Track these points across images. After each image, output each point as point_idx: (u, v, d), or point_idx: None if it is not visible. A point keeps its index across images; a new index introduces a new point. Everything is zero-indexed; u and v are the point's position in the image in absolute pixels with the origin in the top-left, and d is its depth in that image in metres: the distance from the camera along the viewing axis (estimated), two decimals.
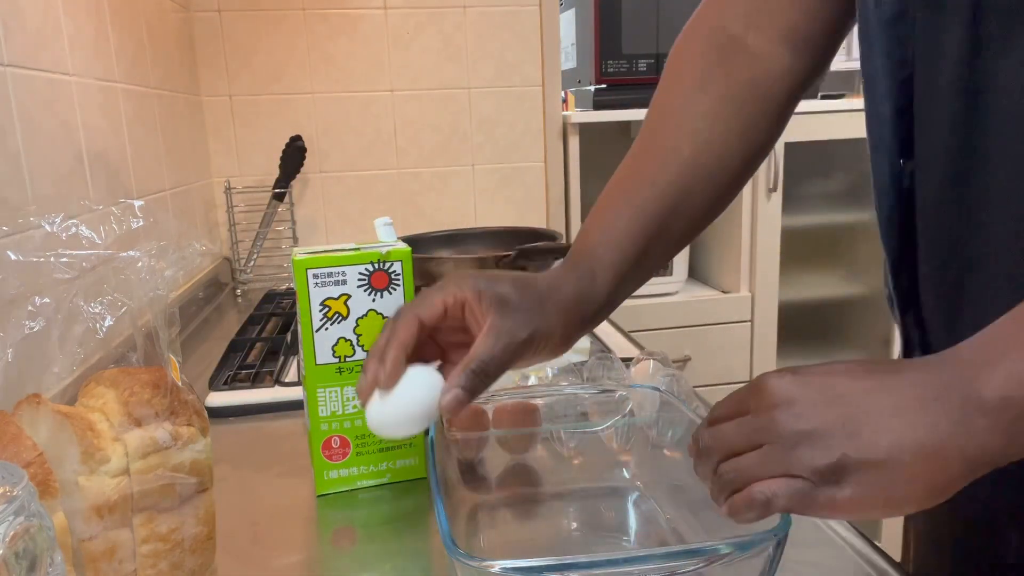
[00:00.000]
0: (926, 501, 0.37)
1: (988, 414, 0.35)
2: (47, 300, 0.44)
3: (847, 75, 1.87)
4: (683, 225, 0.61)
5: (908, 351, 0.59)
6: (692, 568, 0.40)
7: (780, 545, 0.41)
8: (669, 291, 1.77)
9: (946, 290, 0.53)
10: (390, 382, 0.50)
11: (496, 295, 0.51)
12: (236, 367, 0.97)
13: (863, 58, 0.55)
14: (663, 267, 0.64)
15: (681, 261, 1.77)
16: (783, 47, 0.60)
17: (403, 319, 0.51)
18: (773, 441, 0.38)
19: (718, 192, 0.62)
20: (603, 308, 0.58)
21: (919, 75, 0.51)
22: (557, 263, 0.67)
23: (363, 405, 0.51)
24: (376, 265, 0.63)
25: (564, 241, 1.15)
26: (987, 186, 0.48)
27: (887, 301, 0.60)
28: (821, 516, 0.38)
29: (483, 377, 0.50)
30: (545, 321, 0.53)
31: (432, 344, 0.54)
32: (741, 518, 0.39)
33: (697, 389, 0.77)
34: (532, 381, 0.73)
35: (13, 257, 0.44)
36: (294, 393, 0.86)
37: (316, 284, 0.62)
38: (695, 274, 1.94)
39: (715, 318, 1.76)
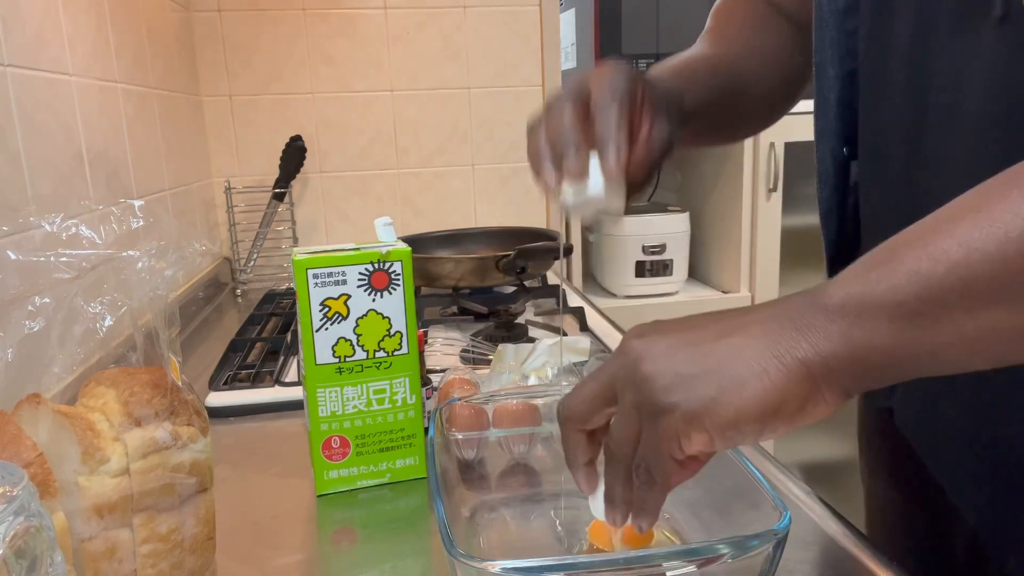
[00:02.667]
0: (765, 416, 0.36)
1: (829, 316, 0.35)
2: (47, 300, 0.44)
3: None
4: (747, 101, 0.67)
5: None
6: (692, 568, 0.40)
7: (780, 545, 0.41)
8: (669, 291, 1.77)
9: None
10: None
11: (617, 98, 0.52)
12: (236, 367, 0.97)
13: (816, 47, 0.57)
14: (733, 132, 0.72)
15: (681, 261, 1.77)
16: (800, 31, 0.65)
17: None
18: (625, 393, 0.39)
19: (773, 92, 0.68)
20: (694, 112, 0.60)
21: (865, 70, 0.53)
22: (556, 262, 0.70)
23: (557, 185, 0.51)
24: (376, 265, 0.63)
25: (564, 241, 1.15)
26: (931, 182, 0.49)
27: None
28: (675, 446, 0.38)
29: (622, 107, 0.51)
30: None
31: None
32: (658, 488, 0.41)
33: None
34: (532, 381, 0.72)
35: (13, 257, 0.44)
36: (294, 393, 0.86)
37: (316, 284, 0.62)
38: (695, 274, 1.93)
39: None
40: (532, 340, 1.00)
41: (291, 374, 0.94)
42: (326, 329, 0.63)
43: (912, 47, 0.49)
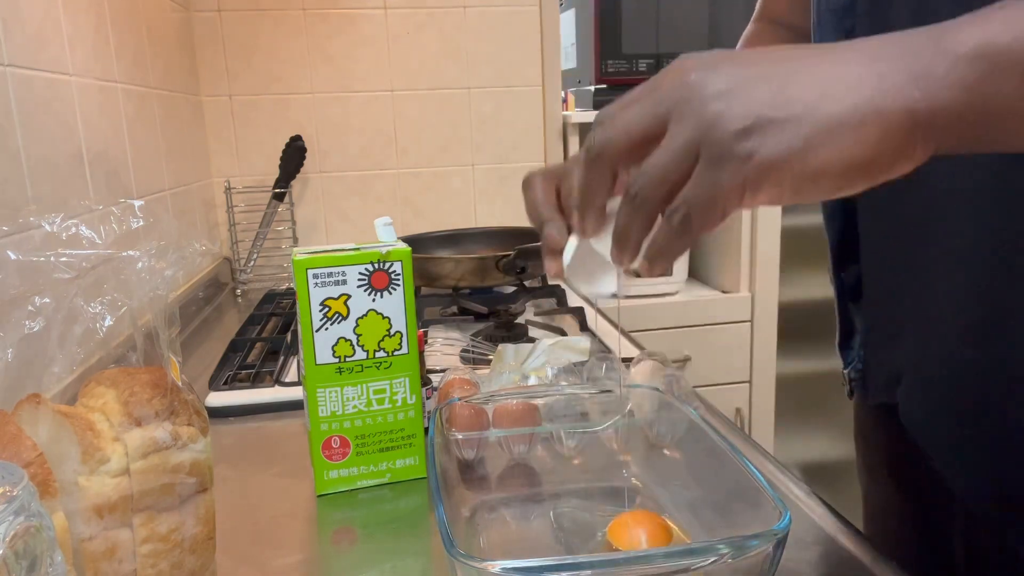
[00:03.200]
0: (851, 172, 0.32)
1: (956, 64, 0.31)
2: (47, 300, 0.44)
3: None
4: None
5: (845, 341, 0.60)
6: (692, 568, 0.40)
7: (780, 545, 0.41)
8: (669, 291, 1.77)
9: (888, 282, 0.55)
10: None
11: None
12: (236, 367, 0.97)
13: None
14: None
15: (681, 261, 1.77)
16: None
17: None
18: (679, 118, 0.33)
19: None
20: None
21: None
22: None
23: (559, 250, 0.47)
24: (376, 265, 0.63)
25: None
26: (931, 177, 0.49)
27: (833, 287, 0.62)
28: (736, 197, 0.33)
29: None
30: None
31: None
32: (681, 240, 0.35)
33: (697, 389, 0.77)
34: (532, 381, 0.72)
35: (13, 257, 0.44)
36: (294, 393, 0.86)
37: (316, 284, 0.62)
38: (695, 274, 1.93)
39: (715, 318, 1.76)
40: (532, 340, 1.00)
41: (291, 374, 0.94)
42: (326, 329, 0.63)
43: None
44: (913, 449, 0.56)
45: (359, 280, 0.63)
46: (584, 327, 1.09)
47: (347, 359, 0.64)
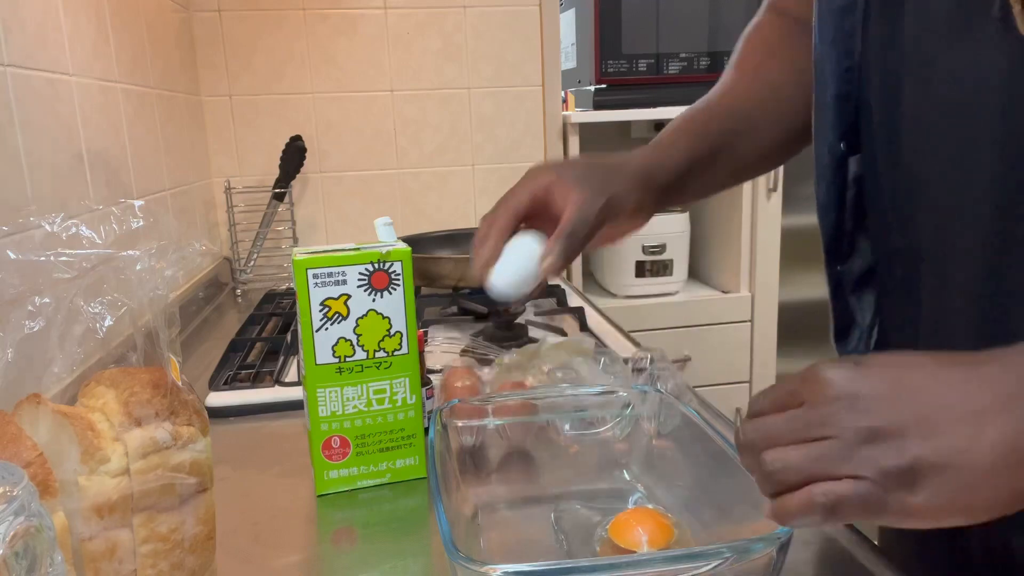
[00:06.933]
0: (1010, 506, 0.33)
1: None
2: (47, 300, 0.44)
3: None
4: (749, 146, 0.67)
5: (843, 334, 0.60)
6: (694, 572, 0.40)
7: (783, 549, 0.41)
8: (669, 291, 1.77)
9: (900, 270, 0.55)
10: (494, 258, 0.58)
11: (573, 176, 0.59)
12: (236, 367, 0.97)
13: (815, 45, 0.57)
14: (718, 189, 0.72)
15: (681, 261, 1.77)
16: None
17: (499, 212, 0.59)
18: (834, 436, 0.34)
19: (777, 143, 0.68)
20: (674, 182, 0.64)
21: (871, 65, 0.53)
22: None
23: (482, 282, 0.59)
24: (376, 265, 0.63)
25: None
26: (936, 175, 0.49)
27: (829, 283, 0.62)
28: (891, 524, 0.34)
29: (573, 240, 0.57)
30: (619, 186, 0.60)
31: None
32: (793, 522, 0.35)
33: (697, 389, 0.77)
34: (532, 382, 0.72)
35: (13, 257, 0.44)
36: (294, 393, 0.86)
37: (316, 284, 0.62)
38: (695, 274, 1.93)
39: (715, 318, 1.76)
40: (532, 340, 1.00)
41: (291, 374, 0.94)
42: (326, 329, 0.63)
43: (923, 39, 0.49)
44: None
45: (359, 280, 0.63)
46: (584, 327, 1.09)
47: (347, 359, 0.64)
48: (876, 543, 0.55)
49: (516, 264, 0.58)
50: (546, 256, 0.58)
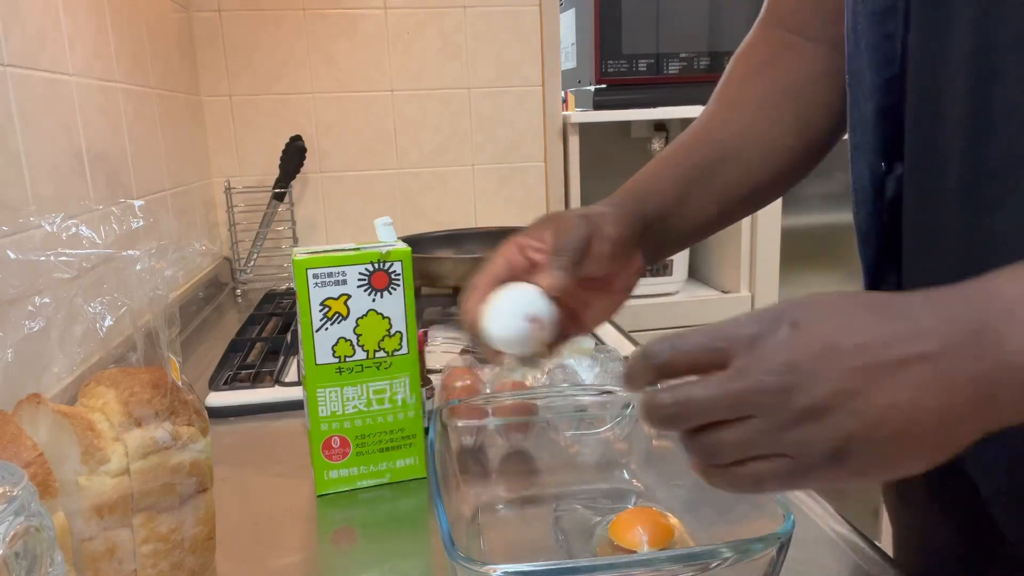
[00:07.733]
0: (930, 465, 0.34)
1: (1017, 376, 0.32)
2: (47, 300, 0.44)
3: None
4: (735, 174, 0.63)
5: None
6: (694, 572, 0.40)
7: (783, 548, 0.41)
8: (669, 291, 1.77)
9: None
10: (481, 299, 0.53)
11: (541, 224, 0.56)
12: (236, 367, 0.97)
13: (849, 54, 0.52)
14: (714, 224, 0.66)
15: (681, 261, 1.77)
16: (834, 49, 0.59)
17: (476, 279, 0.55)
18: (763, 416, 0.34)
19: (768, 171, 0.64)
20: (660, 211, 0.60)
21: (914, 75, 0.48)
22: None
23: (472, 332, 0.55)
24: (376, 265, 0.63)
25: None
26: (994, 195, 0.44)
27: None
28: (815, 488, 0.36)
29: (562, 253, 0.53)
30: (596, 208, 0.57)
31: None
32: (727, 491, 0.37)
33: None
34: (532, 382, 0.72)
35: (13, 257, 0.44)
36: (294, 393, 0.86)
37: (316, 284, 0.62)
38: (695, 274, 1.93)
39: (715, 318, 1.74)
40: None
41: (291, 374, 0.94)
42: (326, 329, 0.63)
43: (977, 45, 0.44)
44: (956, 466, 0.48)
45: (359, 280, 0.63)
46: None
47: (347, 359, 0.64)
48: (876, 544, 0.55)
49: (509, 304, 0.52)
50: (542, 280, 0.52)
